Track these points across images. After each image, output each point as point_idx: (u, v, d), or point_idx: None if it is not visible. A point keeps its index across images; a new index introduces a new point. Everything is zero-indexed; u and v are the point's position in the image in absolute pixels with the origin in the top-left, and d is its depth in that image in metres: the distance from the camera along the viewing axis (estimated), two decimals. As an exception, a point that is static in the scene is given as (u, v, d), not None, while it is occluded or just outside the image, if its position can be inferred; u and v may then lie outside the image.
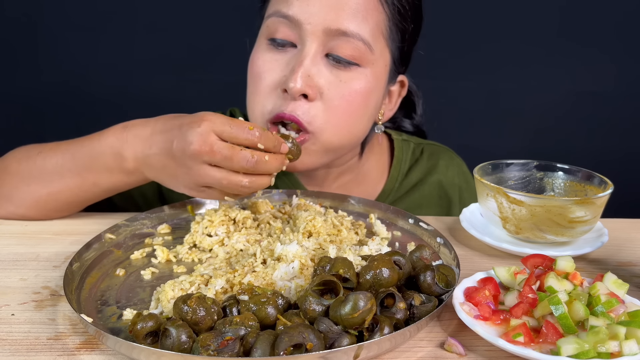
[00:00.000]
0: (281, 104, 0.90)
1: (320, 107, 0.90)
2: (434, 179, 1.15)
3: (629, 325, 0.56)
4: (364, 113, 0.95)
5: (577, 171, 0.91)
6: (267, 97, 0.92)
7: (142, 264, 0.78)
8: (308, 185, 1.10)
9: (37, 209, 0.90)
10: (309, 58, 0.89)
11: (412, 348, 0.60)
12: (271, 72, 0.92)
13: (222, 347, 0.53)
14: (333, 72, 0.90)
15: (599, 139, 2.22)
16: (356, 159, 1.09)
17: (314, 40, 0.89)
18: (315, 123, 0.90)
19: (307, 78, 0.88)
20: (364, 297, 0.56)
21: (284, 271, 0.67)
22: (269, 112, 0.91)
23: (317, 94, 0.90)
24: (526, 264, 0.70)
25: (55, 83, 2.12)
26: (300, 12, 0.89)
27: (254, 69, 0.94)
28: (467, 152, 1.26)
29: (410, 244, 0.83)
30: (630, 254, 0.86)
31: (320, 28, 0.88)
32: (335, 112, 0.91)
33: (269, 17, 0.93)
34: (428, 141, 1.23)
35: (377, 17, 0.92)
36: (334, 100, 0.91)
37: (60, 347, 0.59)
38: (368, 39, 0.90)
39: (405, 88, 1.07)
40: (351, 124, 0.94)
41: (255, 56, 0.95)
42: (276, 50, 0.92)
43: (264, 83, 0.92)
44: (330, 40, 0.89)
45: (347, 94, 0.91)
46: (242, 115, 1.16)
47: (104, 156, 0.84)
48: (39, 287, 0.71)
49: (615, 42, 2.12)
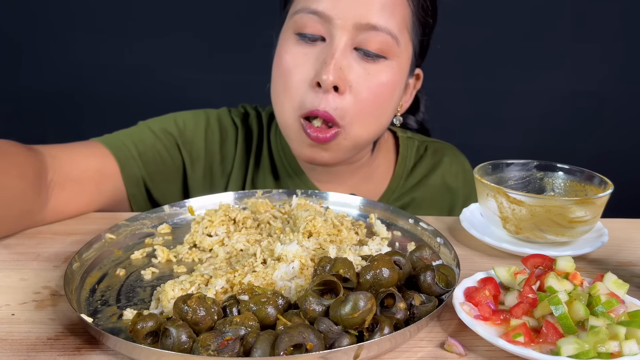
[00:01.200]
0: (313, 98, 0.91)
1: (350, 101, 0.92)
2: (437, 176, 1.16)
3: (629, 325, 0.56)
4: (389, 105, 0.97)
5: (577, 171, 0.91)
6: (298, 92, 0.93)
7: (142, 263, 0.78)
8: (319, 183, 1.10)
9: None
10: (339, 51, 0.90)
11: (412, 348, 0.60)
12: (301, 67, 0.93)
13: (222, 347, 0.53)
14: (361, 64, 0.92)
15: (599, 139, 2.22)
16: (368, 156, 1.10)
17: (343, 34, 0.90)
18: (347, 117, 0.92)
19: (339, 71, 0.90)
20: (364, 297, 0.56)
21: (284, 271, 0.67)
22: (300, 107, 0.93)
23: (346, 87, 0.91)
24: (526, 264, 0.70)
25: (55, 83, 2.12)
26: (330, 8, 0.90)
27: (283, 64, 0.95)
28: (468, 152, 1.26)
29: (410, 244, 0.83)
30: (630, 254, 0.86)
31: (350, 23, 0.90)
32: (364, 104, 0.93)
33: (297, 13, 0.94)
34: (432, 139, 1.24)
35: (403, 12, 0.94)
36: (362, 92, 0.92)
37: (60, 347, 0.58)
38: (395, 32, 0.92)
39: (420, 81, 1.09)
40: (378, 116, 0.96)
41: (283, 50, 0.95)
42: (305, 44, 0.93)
43: (295, 78, 0.93)
44: (359, 34, 0.91)
45: (375, 86, 0.93)
46: (254, 111, 1.17)
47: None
48: (39, 287, 0.71)
49: (615, 41, 2.12)
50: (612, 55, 2.13)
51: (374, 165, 1.13)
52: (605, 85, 2.16)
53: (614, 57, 2.13)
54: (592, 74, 2.15)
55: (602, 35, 2.10)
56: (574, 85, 2.16)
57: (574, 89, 2.16)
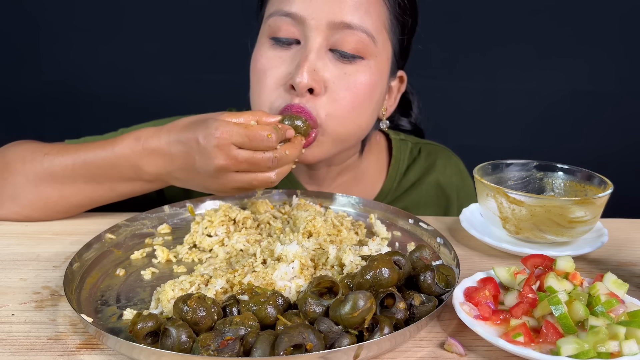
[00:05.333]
0: (288, 99, 0.90)
1: (325, 101, 0.91)
2: (431, 178, 1.15)
3: (629, 325, 0.56)
4: (368, 105, 0.96)
5: (577, 171, 0.91)
6: (273, 93, 0.92)
7: (142, 264, 0.78)
8: (307, 185, 1.10)
9: (45, 210, 0.90)
10: (313, 52, 0.89)
11: (412, 348, 0.60)
12: (276, 69, 0.92)
13: (222, 347, 0.53)
14: (338, 65, 0.91)
15: (599, 139, 2.22)
16: (356, 157, 1.09)
17: (318, 35, 0.89)
18: (322, 116, 0.91)
19: (313, 72, 0.88)
20: (363, 296, 0.56)
21: (284, 271, 0.67)
22: (276, 107, 0.92)
23: (322, 88, 0.90)
24: (526, 264, 0.70)
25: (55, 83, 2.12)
26: (303, 8, 0.89)
27: (258, 66, 0.94)
28: (467, 152, 1.26)
29: (410, 244, 0.83)
30: (630, 254, 0.86)
31: (324, 22, 0.89)
32: (341, 104, 0.91)
33: (271, 17, 0.93)
34: (425, 140, 1.23)
35: (378, 10, 0.92)
36: (339, 92, 0.91)
37: (60, 347, 0.59)
38: (371, 31, 0.91)
39: (404, 84, 1.07)
40: (356, 115, 0.95)
41: (258, 54, 0.95)
42: (280, 48, 0.92)
43: (269, 80, 0.92)
44: (334, 34, 0.89)
45: (353, 86, 0.92)
46: None
47: (120, 167, 0.84)
48: (39, 287, 0.71)
49: (615, 41, 2.12)
50: (611, 55, 2.13)
51: (363, 167, 1.12)
52: (605, 85, 2.16)
53: (613, 57, 2.13)
54: (592, 73, 2.15)
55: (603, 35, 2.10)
56: (574, 85, 2.16)
57: (574, 88, 2.16)
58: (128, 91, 2.10)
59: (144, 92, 2.08)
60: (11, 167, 0.89)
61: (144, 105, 1.67)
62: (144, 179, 0.85)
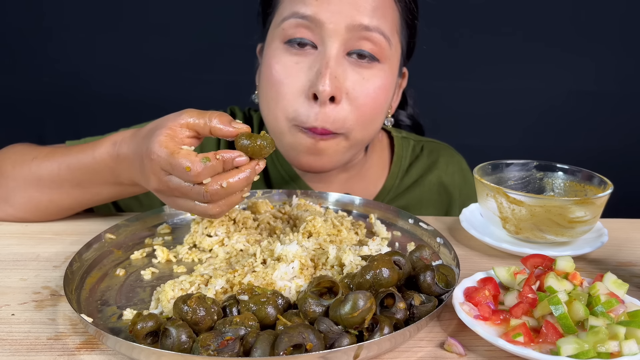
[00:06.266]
0: (308, 111, 0.89)
1: (346, 109, 0.91)
2: (434, 176, 1.16)
3: (629, 325, 0.56)
4: (384, 108, 0.97)
5: (577, 171, 0.91)
6: (292, 103, 0.90)
7: (142, 264, 0.78)
8: (310, 182, 1.10)
9: (37, 212, 0.89)
10: (333, 59, 0.88)
11: (412, 348, 0.60)
12: (294, 77, 0.90)
13: (222, 347, 0.53)
14: (356, 70, 0.91)
15: (599, 139, 2.22)
16: (361, 156, 1.10)
17: (335, 40, 0.89)
18: (345, 126, 0.91)
19: (335, 80, 0.88)
20: (363, 296, 0.56)
21: (284, 271, 0.67)
22: (295, 117, 0.90)
23: (342, 95, 0.90)
24: (526, 264, 0.70)
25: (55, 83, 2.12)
26: (321, 12, 0.88)
27: (274, 75, 0.91)
28: (467, 152, 1.26)
29: (410, 244, 0.83)
30: (630, 254, 0.86)
31: (342, 26, 0.88)
32: (362, 111, 0.92)
33: (285, 20, 0.91)
34: (428, 138, 1.23)
35: (392, 14, 0.94)
36: (359, 99, 0.91)
37: (60, 347, 0.59)
38: (388, 34, 0.92)
39: (405, 79, 1.09)
40: (375, 119, 0.96)
41: (273, 61, 0.92)
42: (295, 53, 0.91)
43: (288, 89, 0.90)
44: (352, 37, 0.89)
45: (372, 91, 0.92)
46: (242, 114, 1.16)
47: (102, 172, 0.81)
48: (39, 287, 0.71)
49: (615, 41, 2.12)
50: (611, 55, 2.13)
51: (367, 164, 1.13)
52: (605, 85, 2.16)
53: (613, 56, 2.13)
54: (592, 73, 2.15)
55: (603, 35, 2.10)
56: (574, 85, 2.16)
57: (574, 88, 2.16)
58: (128, 91, 2.10)
59: (144, 92, 2.07)
60: (2, 170, 0.89)
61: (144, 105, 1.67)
62: (124, 184, 0.82)
